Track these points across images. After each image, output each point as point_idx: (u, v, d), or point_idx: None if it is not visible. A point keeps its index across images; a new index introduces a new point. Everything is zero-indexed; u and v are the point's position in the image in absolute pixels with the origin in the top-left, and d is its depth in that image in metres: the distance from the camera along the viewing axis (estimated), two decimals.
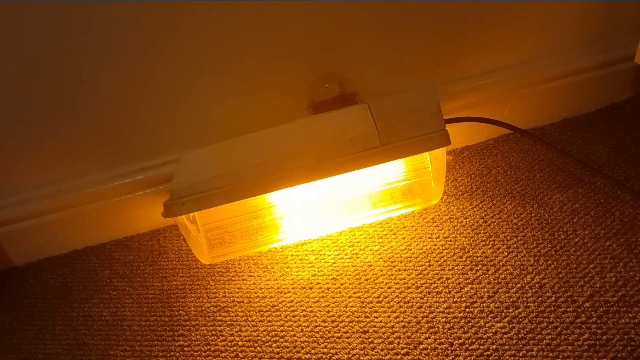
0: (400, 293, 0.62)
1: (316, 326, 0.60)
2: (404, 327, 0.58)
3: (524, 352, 0.54)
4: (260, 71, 0.68)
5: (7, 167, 0.68)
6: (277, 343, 0.59)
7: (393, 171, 0.67)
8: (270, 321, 0.61)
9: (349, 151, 0.60)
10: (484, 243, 0.66)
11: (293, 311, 0.62)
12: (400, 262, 0.65)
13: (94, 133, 0.68)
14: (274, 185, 0.60)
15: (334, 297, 0.63)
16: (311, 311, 0.62)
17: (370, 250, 0.67)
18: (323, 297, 0.63)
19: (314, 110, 0.69)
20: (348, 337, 0.58)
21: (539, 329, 0.56)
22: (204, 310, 0.64)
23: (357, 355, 0.56)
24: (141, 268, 0.71)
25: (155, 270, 0.70)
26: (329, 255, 0.68)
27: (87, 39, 0.61)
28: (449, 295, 0.60)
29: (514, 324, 0.56)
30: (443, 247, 0.66)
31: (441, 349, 0.55)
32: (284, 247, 0.70)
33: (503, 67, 0.77)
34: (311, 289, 0.64)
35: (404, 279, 0.63)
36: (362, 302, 0.61)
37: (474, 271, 0.63)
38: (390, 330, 0.58)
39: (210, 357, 0.59)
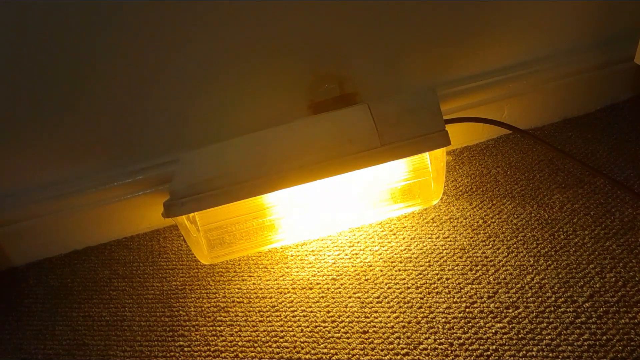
0: (400, 293, 0.62)
1: (316, 326, 0.60)
2: (404, 327, 0.58)
3: (524, 352, 0.54)
4: (260, 71, 0.68)
5: (7, 167, 0.68)
6: (277, 343, 0.59)
7: (393, 171, 0.67)
8: (270, 321, 0.61)
9: (349, 151, 0.60)
10: (484, 243, 0.66)
11: (293, 311, 0.62)
12: (400, 262, 0.65)
13: (94, 133, 0.68)
14: (273, 186, 0.60)
15: (334, 298, 0.63)
16: (311, 311, 0.62)
17: (370, 250, 0.67)
18: (323, 297, 0.63)
19: (314, 110, 0.69)
20: (348, 338, 0.58)
21: (538, 329, 0.56)
22: (204, 311, 0.64)
23: (357, 356, 0.56)
24: (141, 268, 0.71)
25: (155, 271, 0.70)
26: (329, 256, 0.68)
27: (87, 40, 0.61)
28: (448, 296, 0.60)
29: (513, 324, 0.56)
30: (443, 248, 0.66)
31: (441, 349, 0.55)
32: (283, 248, 0.70)
33: (503, 68, 0.77)
34: (311, 289, 0.64)
35: (404, 279, 0.63)
36: (362, 303, 0.61)
37: (474, 271, 0.63)
38: (390, 331, 0.58)
39: (210, 358, 0.59)
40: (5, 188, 0.70)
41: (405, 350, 0.56)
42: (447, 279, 0.62)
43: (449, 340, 0.56)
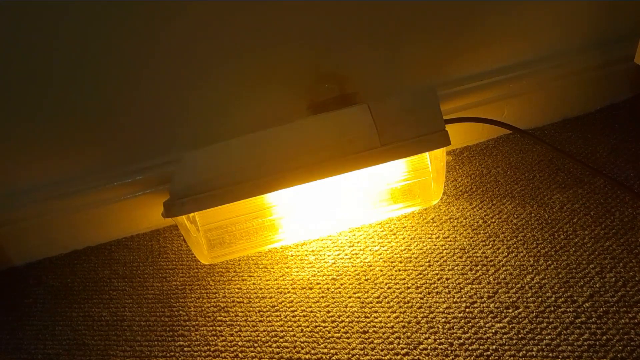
0: (400, 293, 0.62)
1: (316, 326, 0.60)
2: (404, 327, 0.58)
3: (524, 352, 0.54)
4: (260, 71, 0.68)
5: (7, 167, 0.68)
6: (277, 343, 0.59)
7: (393, 171, 0.67)
8: (270, 321, 0.61)
9: (349, 151, 0.60)
10: (483, 243, 0.66)
11: (293, 311, 0.62)
12: (400, 262, 0.65)
13: (93, 133, 0.68)
14: (274, 185, 0.60)
15: (334, 297, 0.63)
16: (311, 311, 0.62)
17: (370, 250, 0.67)
18: (323, 297, 0.63)
19: (314, 110, 0.69)
20: (348, 338, 0.58)
21: (538, 329, 0.56)
22: (204, 311, 0.64)
23: (357, 356, 0.56)
24: (141, 268, 0.71)
25: (155, 271, 0.70)
26: (329, 256, 0.68)
27: (86, 39, 0.61)
28: (448, 296, 0.60)
29: (513, 324, 0.56)
30: (443, 248, 0.66)
31: (441, 349, 0.55)
32: (283, 248, 0.70)
33: (503, 68, 0.77)
34: (311, 289, 0.64)
35: (404, 279, 0.63)
36: (362, 303, 0.61)
37: (473, 271, 0.63)
38: (390, 331, 0.58)
39: (210, 358, 0.59)
40: (5, 188, 0.70)
41: (405, 350, 0.56)
42: (447, 279, 0.62)
43: (449, 340, 0.56)
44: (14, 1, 0.57)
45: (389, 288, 0.62)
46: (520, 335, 0.55)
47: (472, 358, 0.54)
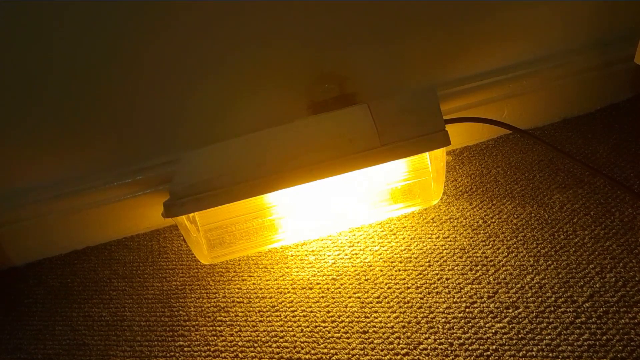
0: (400, 293, 0.62)
1: (316, 326, 0.60)
2: (404, 327, 0.58)
3: (524, 352, 0.54)
4: (260, 71, 0.68)
5: (7, 167, 0.68)
6: (277, 343, 0.59)
7: (393, 171, 0.67)
8: (270, 321, 0.61)
9: (349, 151, 0.60)
10: (483, 243, 0.66)
11: (293, 311, 0.62)
12: (400, 262, 0.65)
13: (93, 133, 0.68)
14: (273, 185, 0.60)
15: (334, 298, 0.63)
16: (311, 311, 0.62)
17: (370, 250, 0.67)
18: (323, 297, 0.63)
19: (314, 110, 0.69)
20: (348, 338, 0.58)
21: (538, 329, 0.56)
22: (204, 311, 0.64)
23: (357, 356, 0.56)
24: (141, 268, 0.71)
25: (155, 271, 0.70)
26: (329, 256, 0.68)
27: (85, 39, 0.61)
28: (448, 296, 0.60)
29: (513, 324, 0.56)
30: (443, 248, 0.66)
31: (441, 349, 0.55)
32: (283, 248, 0.70)
33: (503, 68, 0.77)
34: (311, 289, 0.64)
35: (404, 279, 0.63)
36: (362, 303, 0.61)
37: (473, 271, 0.63)
38: (390, 331, 0.58)
39: (210, 358, 0.59)
40: (5, 188, 0.70)
41: (405, 350, 0.56)
42: (447, 279, 0.62)
43: (449, 340, 0.56)
44: (14, 1, 0.57)
45: (389, 288, 0.62)
46: (520, 335, 0.55)
47: (472, 358, 0.54)
